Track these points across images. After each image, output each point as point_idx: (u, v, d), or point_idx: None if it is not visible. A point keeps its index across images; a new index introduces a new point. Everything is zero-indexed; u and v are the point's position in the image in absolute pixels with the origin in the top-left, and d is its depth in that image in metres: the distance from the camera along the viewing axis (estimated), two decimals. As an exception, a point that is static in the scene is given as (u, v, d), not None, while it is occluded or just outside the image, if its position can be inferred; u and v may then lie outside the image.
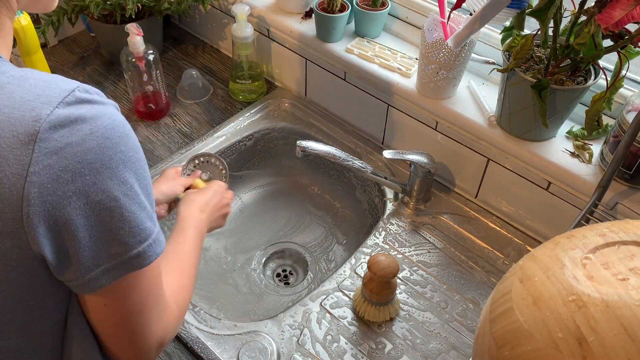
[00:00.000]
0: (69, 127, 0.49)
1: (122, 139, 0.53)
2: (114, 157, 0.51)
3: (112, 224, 0.52)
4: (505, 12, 0.80)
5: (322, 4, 1.09)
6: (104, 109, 0.52)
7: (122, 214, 0.53)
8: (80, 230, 0.51)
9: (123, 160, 0.52)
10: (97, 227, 0.52)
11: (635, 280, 0.49)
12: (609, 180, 0.83)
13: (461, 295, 0.94)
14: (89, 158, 0.50)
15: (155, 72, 1.16)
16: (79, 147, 0.49)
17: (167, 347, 0.87)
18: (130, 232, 0.53)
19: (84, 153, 0.49)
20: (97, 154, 0.50)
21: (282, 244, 1.17)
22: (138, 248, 0.54)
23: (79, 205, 0.50)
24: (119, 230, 0.53)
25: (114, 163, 0.51)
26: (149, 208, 0.56)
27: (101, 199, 0.51)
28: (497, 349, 0.55)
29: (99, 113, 0.52)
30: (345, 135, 1.20)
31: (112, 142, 0.51)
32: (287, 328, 0.89)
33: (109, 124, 0.52)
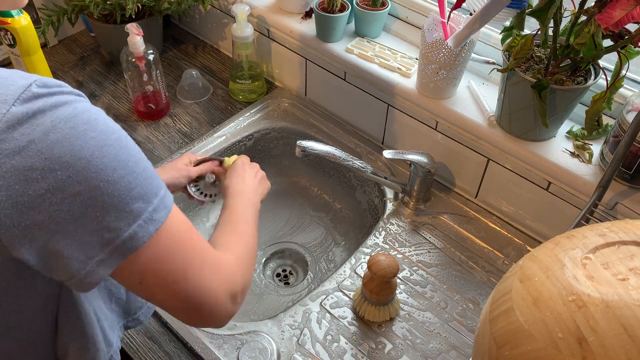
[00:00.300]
0: (28, 124, 0.47)
1: (90, 125, 0.49)
2: (85, 145, 0.48)
3: (96, 213, 0.49)
4: (505, 12, 0.80)
5: (322, 4, 1.09)
6: (63, 98, 0.50)
7: (105, 202, 0.50)
8: (62, 226, 0.49)
9: (96, 146, 0.49)
10: (81, 220, 0.49)
11: (635, 280, 0.49)
12: (609, 180, 0.83)
13: (461, 295, 0.94)
14: (56, 152, 0.47)
15: (155, 72, 1.16)
16: (42, 142, 0.47)
17: (167, 347, 0.87)
18: (117, 216, 0.51)
19: (49, 148, 0.47)
20: (64, 146, 0.47)
21: (282, 244, 1.17)
22: (129, 230, 0.51)
23: (56, 201, 0.47)
24: (105, 217, 0.50)
25: (86, 152, 0.48)
26: (139, 186, 0.52)
27: (79, 190, 0.48)
28: (497, 349, 0.55)
29: (57, 103, 0.49)
30: (345, 135, 1.20)
31: (78, 130, 0.48)
32: (287, 328, 0.89)
33: (70, 112, 0.49)
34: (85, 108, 0.50)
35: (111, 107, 1.26)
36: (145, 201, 0.53)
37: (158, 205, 0.54)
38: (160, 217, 0.54)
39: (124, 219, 0.51)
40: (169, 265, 0.56)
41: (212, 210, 1.21)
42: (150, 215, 0.53)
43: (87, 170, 0.48)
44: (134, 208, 0.52)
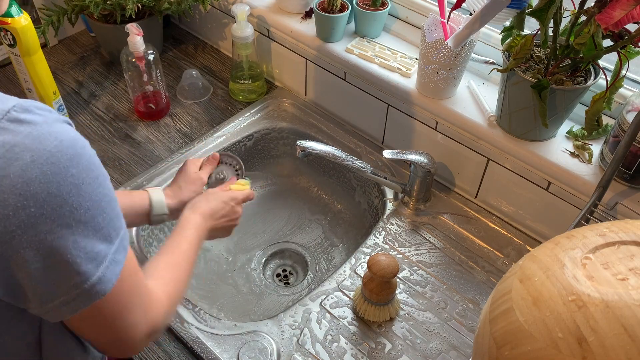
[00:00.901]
0: (5, 158, 0.44)
1: (73, 161, 0.47)
2: (63, 183, 0.46)
3: (66, 254, 0.48)
4: (505, 12, 0.80)
5: (322, 4, 1.09)
6: (47, 128, 0.47)
7: (76, 242, 0.48)
8: (30, 263, 0.47)
9: (74, 184, 0.47)
10: (49, 259, 0.47)
11: (635, 280, 0.49)
12: (608, 180, 0.83)
13: (461, 295, 0.94)
14: (32, 189, 0.45)
15: (155, 72, 1.16)
16: (19, 178, 0.44)
17: (167, 347, 0.87)
18: (86, 258, 0.49)
19: (25, 185, 0.45)
20: (42, 183, 0.45)
21: (282, 244, 1.17)
22: (97, 273, 0.50)
23: (26, 238, 0.46)
24: (76, 259, 0.48)
25: (64, 189, 0.46)
26: (106, 227, 0.51)
27: (50, 228, 0.46)
28: (497, 349, 0.55)
29: (41, 135, 0.46)
30: (345, 135, 1.20)
31: (59, 167, 0.46)
32: (287, 328, 0.89)
33: (54, 146, 0.46)
34: (70, 141, 0.48)
35: (111, 107, 1.26)
36: (109, 242, 0.52)
37: (118, 246, 0.53)
38: (121, 258, 0.54)
39: (92, 261, 0.50)
40: (116, 306, 0.55)
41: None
42: (113, 257, 0.52)
43: (61, 208, 0.47)
44: (100, 250, 0.51)
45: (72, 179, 0.47)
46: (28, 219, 0.46)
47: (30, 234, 0.46)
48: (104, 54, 1.39)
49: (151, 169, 1.11)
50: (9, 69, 1.33)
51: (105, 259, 0.51)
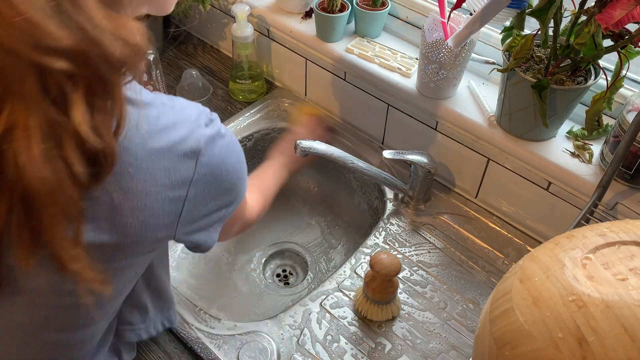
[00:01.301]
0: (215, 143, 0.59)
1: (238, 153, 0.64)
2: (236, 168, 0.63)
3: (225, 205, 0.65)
4: (505, 12, 0.80)
5: (322, 4, 1.09)
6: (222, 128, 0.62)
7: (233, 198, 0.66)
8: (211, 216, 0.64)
9: (239, 167, 0.64)
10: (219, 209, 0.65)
11: (636, 280, 0.49)
12: (609, 180, 0.83)
13: (461, 295, 0.94)
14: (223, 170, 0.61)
15: (155, 72, 1.16)
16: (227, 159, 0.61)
17: (167, 347, 0.87)
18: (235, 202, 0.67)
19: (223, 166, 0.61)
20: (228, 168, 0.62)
21: (282, 244, 1.17)
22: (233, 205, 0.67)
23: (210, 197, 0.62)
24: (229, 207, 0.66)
25: (239, 172, 0.64)
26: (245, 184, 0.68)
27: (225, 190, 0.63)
28: (497, 349, 0.55)
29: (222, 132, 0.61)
30: (345, 135, 1.20)
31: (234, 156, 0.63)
32: (287, 328, 0.89)
33: (228, 141, 0.61)
34: (232, 138, 0.63)
35: (111, 107, 1.26)
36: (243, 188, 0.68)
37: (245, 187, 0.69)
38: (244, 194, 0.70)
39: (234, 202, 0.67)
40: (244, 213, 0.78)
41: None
42: (244, 195, 0.69)
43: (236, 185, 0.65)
44: (240, 195, 0.68)
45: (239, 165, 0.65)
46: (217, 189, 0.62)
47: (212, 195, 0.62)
48: (104, 54, 1.39)
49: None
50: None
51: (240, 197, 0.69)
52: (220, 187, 0.61)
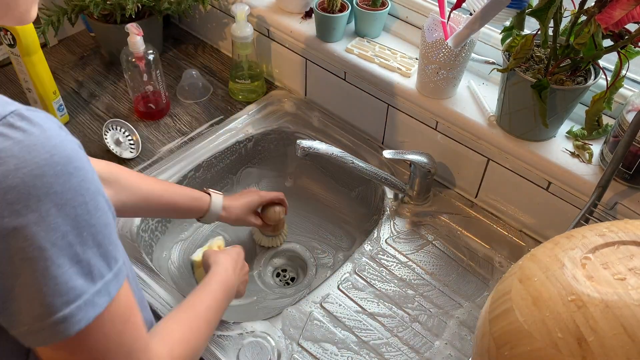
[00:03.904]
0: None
1: (60, 179, 0.44)
2: (44, 199, 0.43)
3: (35, 279, 0.44)
4: (505, 12, 0.80)
5: (322, 4, 1.09)
6: (42, 140, 0.44)
7: (47, 268, 0.44)
8: (5, 280, 0.44)
9: (56, 203, 0.44)
10: (18, 279, 0.44)
11: (635, 280, 0.49)
12: (608, 180, 0.83)
13: (461, 295, 0.94)
14: (9, 198, 0.42)
15: (155, 72, 1.16)
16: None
17: (167, 347, 0.87)
18: (55, 290, 0.45)
19: (3, 192, 0.42)
20: (21, 193, 0.43)
21: (283, 244, 1.17)
22: (63, 311, 0.46)
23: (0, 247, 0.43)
24: (42, 287, 0.44)
25: (43, 206, 0.43)
26: (88, 261, 0.47)
27: (23, 246, 0.43)
28: (497, 349, 0.55)
29: (32, 145, 0.43)
30: (345, 135, 1.20)
31: (43, 181, 0.43)
32: (287, 328, 0.89)
33: (43, 159, 0.43)
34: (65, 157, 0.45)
35: (111, 107, 1.26)
36: (90, 280, 0.47)
37: (101, 288, 0.48)
38: (102, 302, 0.48)
39: (62, 295, 0.46)
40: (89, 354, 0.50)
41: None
42: (92, 298, 0.47)
43: (37, 225, 0.44)
44: (76, 286, 0.46)
45: (55, 197, 0.44)
46: (1, 229, 0.43)
47: (2, 245, 0.43)
48: (104, 54, 1.39)
49: (151, 169, 1.11)
50: (9, 69, 1.33)
51: (80, 298, 0.46)
52: None
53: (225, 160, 1.20)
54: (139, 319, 0.56)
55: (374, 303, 0.93)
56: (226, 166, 1.21)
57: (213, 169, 1.18)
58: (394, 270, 0.98)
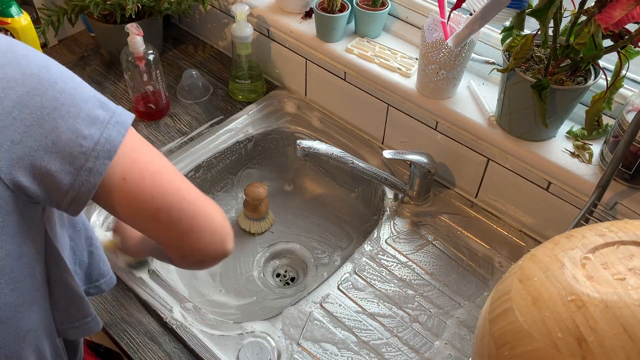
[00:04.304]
0: None
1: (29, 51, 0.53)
2: (30, 65, 0.52)
3: (66, 123, 0.52)
4: (505, 12, 0.80)
5: (322, 4, 1.09)
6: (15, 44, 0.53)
7: (69, 111, 0.52)
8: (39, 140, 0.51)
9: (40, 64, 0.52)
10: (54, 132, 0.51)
11: (635, 280, 0.49)
12: (608, 180, 0.83)
13: (461, 294, 0.94)
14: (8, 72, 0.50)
15: (155, 72, 1.16)
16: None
17: (167, 347, 0.87)
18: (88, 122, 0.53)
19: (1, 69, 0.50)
20: (13, 67, 0.50)
21: (282, 244, 1.17)
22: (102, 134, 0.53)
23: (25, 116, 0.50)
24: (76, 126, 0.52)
25: (34, 68, 0.52)
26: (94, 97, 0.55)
27: (41, 103, 0.51)
28: (497, 349, 0.55)
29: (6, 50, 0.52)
30: (345, 135, 1.20)
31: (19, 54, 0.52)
32: (287, 328, 0.89)
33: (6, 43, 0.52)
34: (18, 41, 0.54)
35: (111, 107, 1.26)
36: (106, 109, 0.55)
37: (118, 111, 0.56)
38: (126, 119, 0.56)
39: (94, 124, 0.53)
40: (148, 156, 0.57)
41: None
42: (116, 118, 0.55)
43: (40, 84, 0.51)
44: (99, 114, 0.54)
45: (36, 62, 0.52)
46: (18, 98, 0.50)
47: (26, 112, 0.50)
48: (104, 54, 1.39)
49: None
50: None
51: (108, 121, 0.54)
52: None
53: (225, 161, 1.20)
54: None
55: (374, 303, 0.93)
56: (226, 166, 1.21)
57: (213, 169, 1.18)
58: (394, 270, 0.98)
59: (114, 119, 0.55)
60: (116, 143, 0.54)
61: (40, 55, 0.54)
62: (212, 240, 0.60)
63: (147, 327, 0.89)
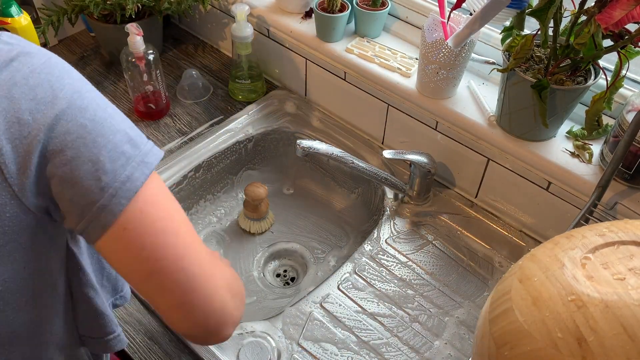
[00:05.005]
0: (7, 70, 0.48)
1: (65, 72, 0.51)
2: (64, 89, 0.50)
3: (89, 153, 0.49)
4: (505, 12, 0.80)
5: (322, 4, 1.09)
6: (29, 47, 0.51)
7: (95, 141, 0.50)
8: (59, 168, 0.49)
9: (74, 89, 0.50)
10: (76, 160, 0.49)
11: (635, 280, 0.49)
12: (608, 180, 0.83)
13: (461, 294, 0.94)
14: (39, 94, 0.48)
15: (155, 72, 1.16)
16: (24, 86, 0.48)
17: (167, 347, 0.87)
18: (111, 157, 0.50)
19: (32, 90, 0.48)
20: (45, 88, 0.49)
21: (282, 244, 1.17)
22: (124, 172, 0.50)
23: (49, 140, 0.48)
24: (99, 158, 0.50)
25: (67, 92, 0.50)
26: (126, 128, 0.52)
27: (68, 128, 0.49)
28: (497, 349, 0.55)
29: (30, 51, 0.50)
30: (345, 135, 1.20)
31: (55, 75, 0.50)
32: (287, 328, 0.89)
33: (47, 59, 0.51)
34: (58, 58, 0.52)
35: (111, 107, 1.26)
36: (134, 145, 0.52)
37: (145, 149, 0.53)
38: (152, 160, 0.53)
39: (117, 160, 0.50)
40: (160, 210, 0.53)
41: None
42: (142, 158, 0.52)
43: (71, 108, 0.49)
44: (125, 150, 0.51)
45: (70, 87, 0.50)
46: (45, 120, 0.48)
47: (50, 136, 0.48)
48: (104, 54, 1.39)
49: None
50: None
51: (132, 159, 0.51)
52: None
53: (225, 161, 1.20)
54: None
55: (374, 303, 0.93)
56: (226, 166, 1.21)
57: (213, 169, 1.18)
58: (394, 270, 0.98)
59: (139, 157, 0.52)
60: (138, 184, 0.51)
61: (76, 79, 0.52)
62: (205, 322, 0.54)
63: (147, 327, 0.89)
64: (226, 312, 0.55)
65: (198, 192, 1.18)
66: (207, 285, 0.53)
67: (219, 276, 0.55)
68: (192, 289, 0.52)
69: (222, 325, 0.55)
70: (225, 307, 0.55)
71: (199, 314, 0.53)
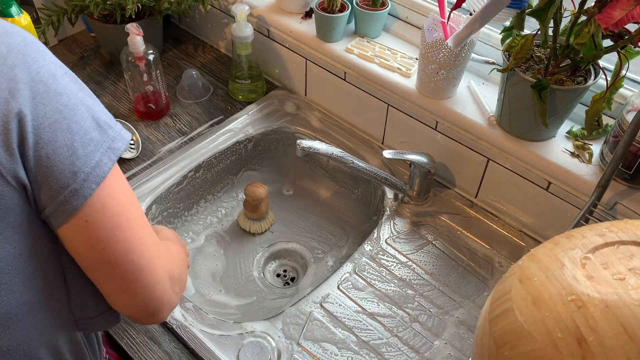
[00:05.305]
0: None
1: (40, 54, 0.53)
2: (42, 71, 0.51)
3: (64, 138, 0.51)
4: (505, 12, 0.80)
5: (322, 4, 1.09)
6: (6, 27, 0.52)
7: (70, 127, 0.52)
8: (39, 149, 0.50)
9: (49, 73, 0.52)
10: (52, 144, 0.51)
11: (635, 280, 0.49)
12: (608, 180, 0.83)
13: (461, 295, 0.94)
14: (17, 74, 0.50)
15: (155, 72, 1.16)
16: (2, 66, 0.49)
17: (167, 347, 0.87)
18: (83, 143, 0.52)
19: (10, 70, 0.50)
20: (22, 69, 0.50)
21: (282, 244, 1.17)
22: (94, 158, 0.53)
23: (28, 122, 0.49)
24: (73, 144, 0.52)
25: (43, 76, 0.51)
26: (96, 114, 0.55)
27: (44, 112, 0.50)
28: (497, 349, 0.55)
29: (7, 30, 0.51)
30: (345, 135, 1.20)
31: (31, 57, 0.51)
32: (287, 328, 0.89)
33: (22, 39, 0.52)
34: (32, 38, 0.53)
35: (111, 107, 1.26)
36: (102, 131, 0.55)
37: (114, 136, 0.56)
38: (119, 146, 0.56)
39: (88, 145, 0.53)
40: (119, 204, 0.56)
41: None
42: (110, 144, 0.55)
43: (48, 92, 0.51)
44: (93, 137, 0.54)
45: (46, 69, 0.52)
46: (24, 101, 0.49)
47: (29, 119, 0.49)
48: (104, 54, 1.39)
49: (151, 170, 1.11)
50: None
51: (101, 144, 0.54)
52: None
53: (226, 161, 1.20)
54: None
55: (374, 303, 0.93)
56: (226, 166, 1.21)
57: (213, 169, 1.18)
58: (394, 270, 0.98)
59: (107, 144, 0.55)
60: (106, 169, 0.54)
61: (50, 62, 0.53)
62: (145, 307, 0.61)
63: (147, 327, 0.89)
64: (164, 299, 0.61)
65: (198, 192, 1.18)
66: (150, 276, 0.59)
67: (162, 267, 0.61)
68: (136, 278, 0.58)
69: (160, 310, 0.62)
70: (164, 295, 0.61)
71: (140, 300, 0.60)
